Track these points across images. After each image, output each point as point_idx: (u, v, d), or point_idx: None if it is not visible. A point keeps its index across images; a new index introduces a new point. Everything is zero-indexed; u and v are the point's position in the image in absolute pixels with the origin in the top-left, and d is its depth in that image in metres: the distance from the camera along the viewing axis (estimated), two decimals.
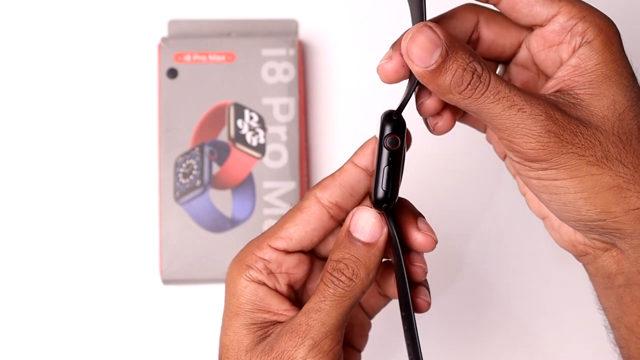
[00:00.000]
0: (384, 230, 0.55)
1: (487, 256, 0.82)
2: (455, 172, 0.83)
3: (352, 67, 0.84)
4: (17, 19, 0.83)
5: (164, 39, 0.82)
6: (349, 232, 0.55)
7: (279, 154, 0.80)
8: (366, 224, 0.55)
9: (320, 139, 0.83)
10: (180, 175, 0.80)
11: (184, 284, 0.80)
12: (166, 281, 0.80)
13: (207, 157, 0.80)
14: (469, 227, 0.82)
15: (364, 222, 0.55)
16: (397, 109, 0.55)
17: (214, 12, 0.84)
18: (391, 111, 0.55)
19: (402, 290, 0.55)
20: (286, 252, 0.57)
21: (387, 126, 0.54)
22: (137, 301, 0.81)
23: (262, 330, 0.56)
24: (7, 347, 0.80)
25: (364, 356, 0.63)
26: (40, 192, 0.82)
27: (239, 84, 0.81)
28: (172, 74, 0.81)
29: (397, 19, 0.81)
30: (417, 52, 0.52)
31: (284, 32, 0.83)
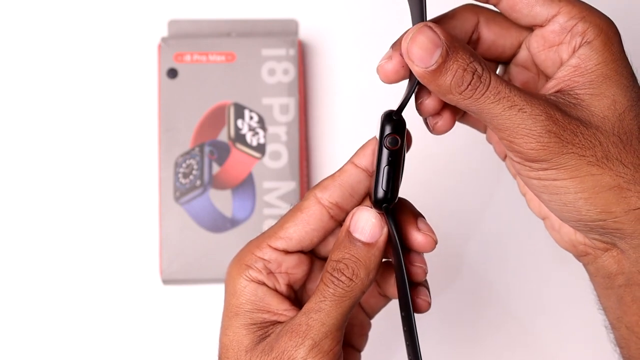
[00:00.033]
0: (384, 230, 0.55)
1: (487, 256, 0.82)
2: (455, 172, 0.83)
3: (352, 67, 0.84)
4: (17, 19, 0.83)
5: (164, 39, 0.82)
6: (349, 232, 0.55)
7: (279, 154, 0.80)
8: (366, 224, 0.55)
9: (320, 139, 0.83)
10: (180, 175, 0.80)
11: (184, 284, 0.80)
12: (166, 281, 0.80)
13: (207, 157, 0.80)
14: (469, 227, 0.82)
15: (364, 222, 0.55)
16: (397, 108, 0.55)
17: (214, 12, 0.84)
18: (391, 111, 0.55)
19: (402, 290, 0.55)
20: (286, 252, 0.57)
21: (387, 126, 0.54)
22: (137, 301, 0.81)
23: (262, 330, 0.56)
24: (7, 347, 0.80)
25: (364, 356, 0.63)
26: (40, 192, 0.82)
27: (239, 84, 0.81)
28: (172, 74, 0.81)
29: (397, 19, 0.81)
30: (418, 52, 0.52)
31: (284, 32, 0.83)
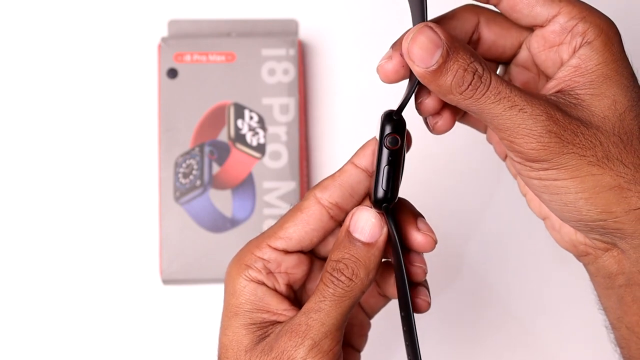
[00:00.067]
0: (383, 230, 0.55)
1: (487, 256, 0.82)
2: (455, 172, 0.83)
3: (352, 67, 0.84)
4: (17, 20, 0.83)
5: (164, 39, 0.82)
6: (349, 232, 0.55)
7: (279, 154, 0.80)
8: (366, 224, 0.55)
9: (320, 139, 0.83)
10: (180, 175, 0.80)
11: (184, 284, 0.80)
12: (166, 281, 0.80)
13: (207, 157, 0.80)
14: (469, 227, 0.82)
15: (363, 222, 0.55)
16: (397, 108, 0.55)
17: (214, 12, 0.84)
18: (391, 111, 0.55)
19: (402, 290, 0.55)
20: (285, 252, 0.57)
21: (388, 126, 0.54)
22: (137, 301, 0.81)
23: (262, 330, 0.56)
24: (7, 347, 0.80)
25: (364, 356, 0.63)
26: (40, 192, 0.81)
27: (239, 84, 0.81)
28: (172, 74, 0.81)
29: (397, 19, 0.81)
30: (418, 52, 0.52)
31: (284, 32, 0.83)
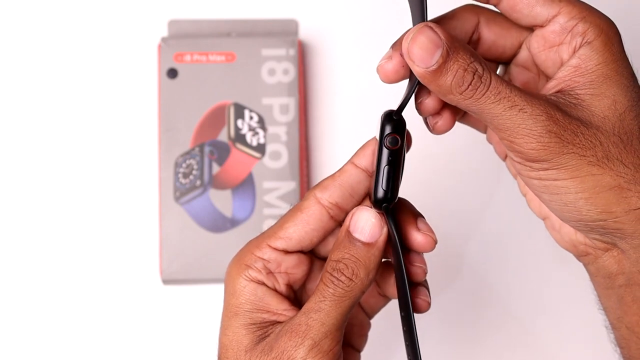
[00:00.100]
0: (383, 230, 0.55)
1: (487, 256, 0.82)
2: (455, 172, 0.83)
3: (352, 67, 0.84)
4: (17, 20, 0.83)
5: (164, 39, 0.82)
6: (349, 232, 0.55)
7: (279, 154, 0.80)
8: (366, 223, 0.55)
9: (320, 139, 0.83)
10: (180, 175, 0.80)
11: (184, 284, 0.80)
12: (166, 281, 0.80)
13: (207, 157, 0.80)
14: (469, 227, 0.82)
15: (363, 222, 0.55)
16: (397, 108, 0.55)
17: (214, 12, 0.84)
18: (391, 111, 0.55)
19: (402, 290, 0.55)
20: (285, 252, 0.57)
21: (388, 126, 0.54)
22: (137, 301, 0.81)
23: (262, 330, 0.56)
24: (7, 347, 0.80)
25: (364, 356, 0.63)
26: (40, 192, 0.81)
27: (239, 84, 0.81)
28: (172, 74, 0.81)
29: (397, 19, 0.81)
30: (418, 52, 0.52)
31: (284, 32, 0.83)
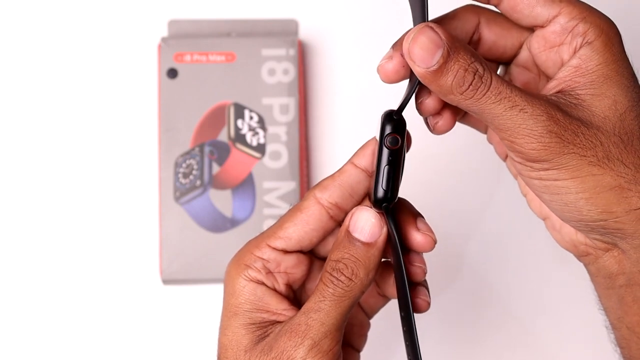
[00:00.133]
0: (383, 230, 0.55)
1: (487, 256, 0.82)
2: (455, 172, 0.83)
3: (352, 67, 0.84)
4: (17, 20, 0.83)
5: (164, 39, 0.82)
6: (349, 232, 0.55)
7: (279, 154, 0.80)
8: (366, 223, 0.55)
9: (320, 139, 0.83)
10: (180, 175, 0.80)
11: (184, 284, 0.80)
12: (166, 281, 0.80)
13: (207, 157, 0.80)
14: (469, 227, 0.82)
15: (363, 221, 0.55)
16: (397, 108, 0.55)
17: (214, 12, 0.84)
18: (392, 111, 0.55)
19: (402, 290, 0.55)
20: (285, 251, 0.57)
21: (388, 125, 0.54)
22: (137, 301, 0.81)
23: (261, 330, 0.56)
24: (7, 347, 0.80)
25: (364, 356, 0.63)
26: (40, 192, 0.81)
27: (239, 84, 0.81)
28: (172, 74, 0.81)
29: (397, 19, 0.81)
30: (419, 52, 0.52)
31: (284, 32, 0.83)
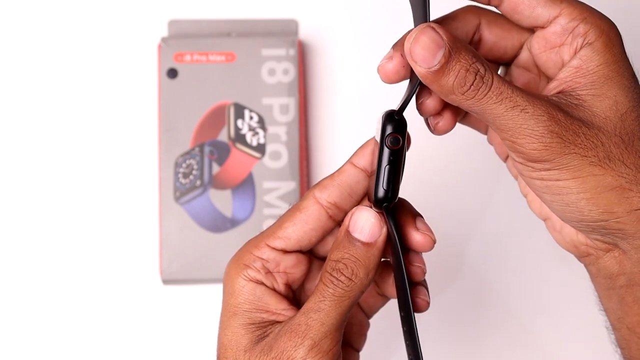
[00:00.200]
0: (383, 230, 0.55)
1: (487, 256, 0.82)
2: (455, 172, 0.83)
3: (352, 67, 0.84)
4: (17, 20, 0.83)
5: (164, 39, 0.82)
6: (348, 231, 0.55)
7: (279, 154, 0.80)
8: (365, 223, 0.55)
9: (320, 139, 0.83)
10: (180, 175, 0.80)
11: (184, 284, 0.80)
12: (166, 281, 0.80)
13: (207, 157, 0.80)
14: (469, 227, 0.82)
15: (363, 221, 0.55)
16: (398, 108, 0.55)
17: (214, 12, 0.84)
18: (392, 111, 0.55)
19: (402, 290, 0.55)
20: (284, 251, 0.57)
21: (389, 125, 0.54)
22: (137, 301, 0.81)
23: (261, 330, 0.56)
24: (7, 347, 0.80)
25: (364, 356, 0.63)
26: (40, 192, 0.81)
27: (239, 84, 0.81)
28: (172, 74, 0.81)
29: (397, 19, 0.81)
30: (420, 52, 0.52)
31: (284, 32, 0.83)
